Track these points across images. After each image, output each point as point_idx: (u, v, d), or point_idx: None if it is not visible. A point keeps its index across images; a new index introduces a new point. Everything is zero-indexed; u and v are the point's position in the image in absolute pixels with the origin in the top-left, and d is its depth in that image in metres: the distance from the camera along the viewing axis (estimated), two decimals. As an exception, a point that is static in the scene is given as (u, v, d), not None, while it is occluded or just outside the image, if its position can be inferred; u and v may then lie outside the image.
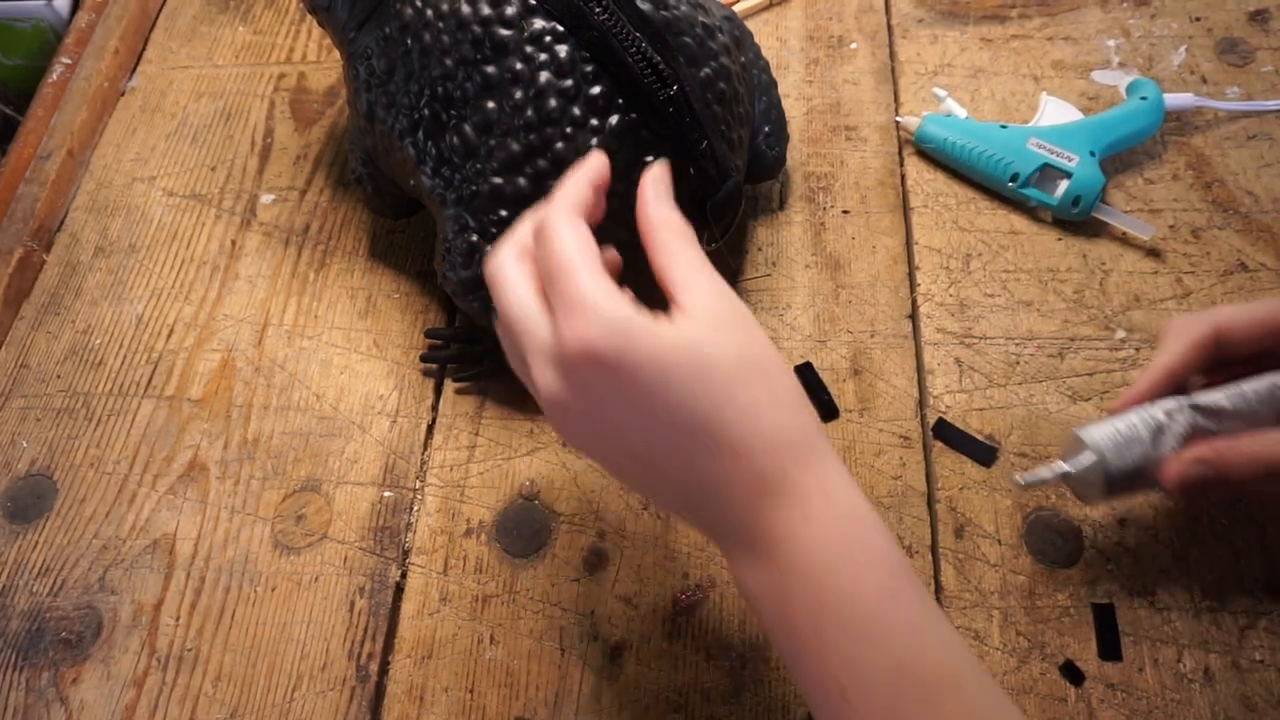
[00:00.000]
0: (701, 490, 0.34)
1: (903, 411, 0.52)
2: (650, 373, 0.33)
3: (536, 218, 0.36)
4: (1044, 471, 0.42)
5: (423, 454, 0.53)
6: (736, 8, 0.67)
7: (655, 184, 0.37)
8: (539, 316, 0.35)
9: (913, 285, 0.56)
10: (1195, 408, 0.41)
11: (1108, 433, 0.41)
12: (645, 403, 0.33)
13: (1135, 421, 0.41)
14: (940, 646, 0.33)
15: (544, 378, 0.34)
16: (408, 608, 0.49)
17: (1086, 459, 0.41)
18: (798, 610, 0.33)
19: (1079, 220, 0.56)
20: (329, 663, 0.48)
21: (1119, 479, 0.41)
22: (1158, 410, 0.41)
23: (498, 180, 0.46)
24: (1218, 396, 0.41)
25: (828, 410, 0.52)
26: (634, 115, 0.45)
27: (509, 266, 0.36)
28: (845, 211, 0.59)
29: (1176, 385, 0.42)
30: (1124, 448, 0.41)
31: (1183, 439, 0.41)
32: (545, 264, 0.35)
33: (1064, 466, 0.42)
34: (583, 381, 0.33)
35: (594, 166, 0.38)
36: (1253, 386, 0.41)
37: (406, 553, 0.50)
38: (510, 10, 0.44)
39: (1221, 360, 0.43)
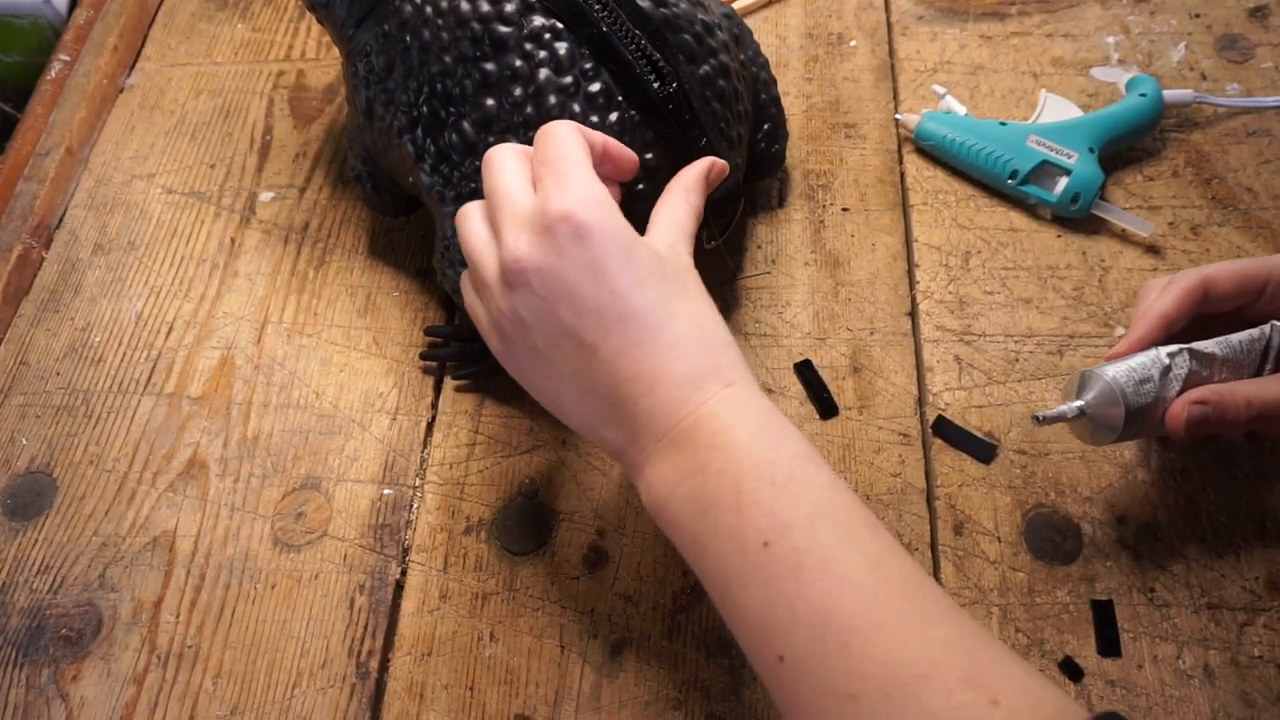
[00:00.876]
0: (638, 377, 0.37)
1: (902, 409, 0.52)
2: (619, 247, 0.37)
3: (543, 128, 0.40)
4: (1064, 408, 0.43)
5: (422, 452, 0.53)
6: (736, 5, 0.67)
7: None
8: (524, 193, 0.38)
9: (912, 283, 0.56)
10: (1192, 353, 0.42)
11: (1124, 371, 0.42)
12: (606, 271, 0.37)
13: (1146, 362, 0.42)
14: (853, 500, 0.35)
15: (514, 240, 0.37)
16: (408, 605, 0.49)
17: (1105, 395, 0.42)
18: (716, 478, 0.35)
19: (1078, 217, 0.56)
20: (329, 660, 0.48)
21: (1134, 417, 0.42)
22: (1162, 353, 0.42)
23: (497, 178, 0.46)
24: (1209, 344, 0.43)
25: (827, 408, 0.52)
26: (633, 112, 0.45)
27: (506, 152, 0.40)
28: (845, 209, 0.59)
29: (1169, 333, 0.44)
30: (1140, 386, 0.42)
31: (1183, 382, 0.42)
32: (543, 152, 0.38)
33: (1083, 402, 0.43)
34: (554, 242, 0.37)
35: (619, 144, 0.42)
36: (1238, 337, 0.43)
37: (406, 550, 0.50)
38: (509, 7, 0.44)
39: (1204, 313, 0.45)
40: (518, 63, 0.44)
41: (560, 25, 0.44)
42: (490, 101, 0.45)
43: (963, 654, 0.31)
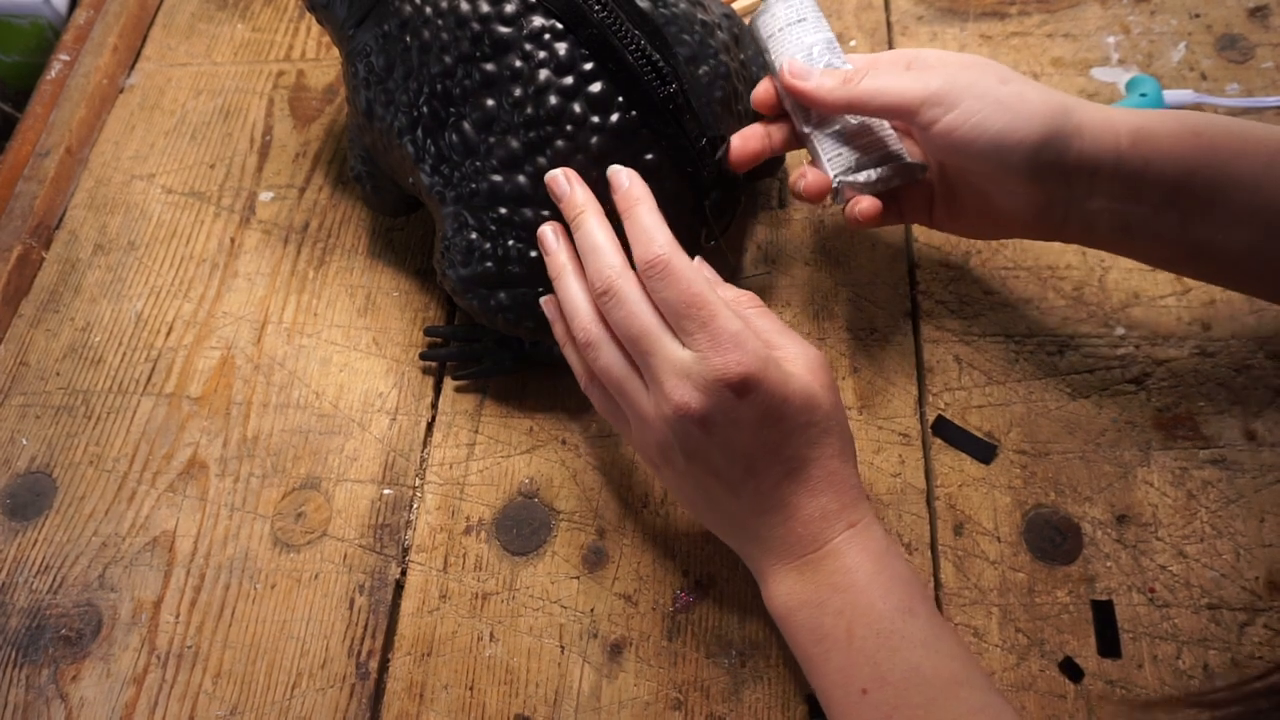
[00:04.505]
0: (778, 508, 0.41)
1: (902, 409, 0.52)
2: (776, 402, 0.40)
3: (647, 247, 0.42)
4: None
5: (422, 451, 0.53)
6: (735, 5, 0.67)
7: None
8: (663, 330, 0.41)
9: (912, 283, 0.56)
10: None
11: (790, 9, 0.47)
12: (762, 427, 0.40)
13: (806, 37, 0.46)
14: (947, 655, 0.39)
15: (677, 388, 0.40)
16: (407, 605, 0.49)
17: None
18: (833, 618, 0.40)
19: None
20: (329, 660, 0.48)
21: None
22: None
23: (497, 178, 0.46)
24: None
25: (827, 408, 0.52)
26: (633, 113, 0.45)
27: (632, 283, 0.42)
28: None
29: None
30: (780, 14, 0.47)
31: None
32: (669, 289, 0.40)
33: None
34: (718, 400, 0.39)
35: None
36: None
37: (406, 550, 0.50)
38: (509, 7, 0.44)
39: None
40: (518, 63, 0.44)
41: (560, 25, 0.44)
42: (490, 102, 0.45)
43: None
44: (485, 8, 0.44)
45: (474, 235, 0.47)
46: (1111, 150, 0.42)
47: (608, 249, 0.42)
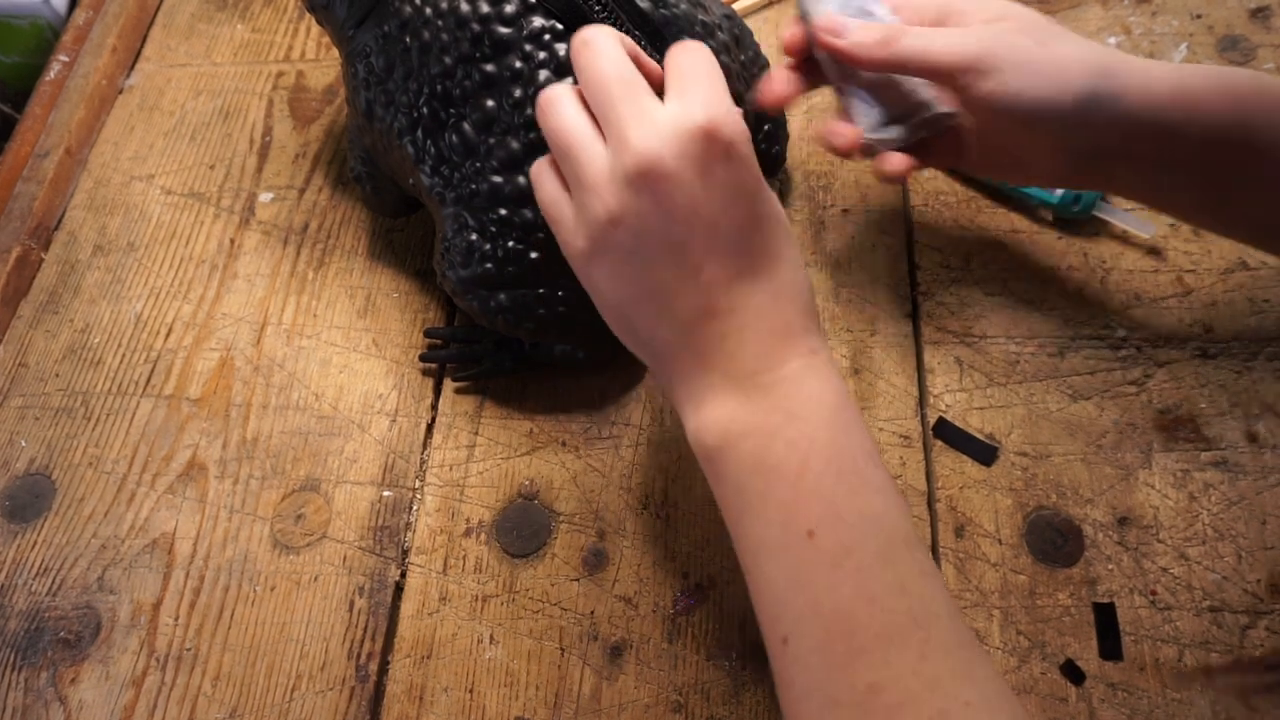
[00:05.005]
0: (732, 311, 0.36)
1: (903, 410, 0.52)
2: (757, 176, 0.36)
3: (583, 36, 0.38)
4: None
5: (422, 453, 0.53)
6: (736, 6, 0.67)
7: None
8: (645, 87, 0.37)
9: (913, 284, 0.56)
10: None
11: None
12: (742, 197, 0.36)
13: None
14: (899, 512, 0.35)
15: (644, 138, 0.35)
16: (407, 607, 0.49)
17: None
18: (784, 448, 0.35)
19: (1079, 219, 0.56)
20: (328, 662, 0.48)
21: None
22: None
23: (497, 179, 0.46)
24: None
25: (828, 409, 0.52)
26: (634, 114, 0.45)
27: (603, 33, 0.38)
28: (845, 210, 0.59)
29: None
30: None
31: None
32: (681, 63, 0.37)
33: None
34: (698, 154, 0.35)
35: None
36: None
37: (406, 552, 0.50)
38: (509, 8, 0.44)
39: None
40: (518, 64, 0.44)
41: (560, 26, 0.44)
42: (490, 102, 0.45)
43: (942, 694, 0.32)
44: (485, 8, 0.44)
45: (474, 236, 0.47)
46: (1149, 112, 0.41)
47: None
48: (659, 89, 0.38)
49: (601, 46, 0.37)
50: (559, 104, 0.38)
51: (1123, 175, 0.44)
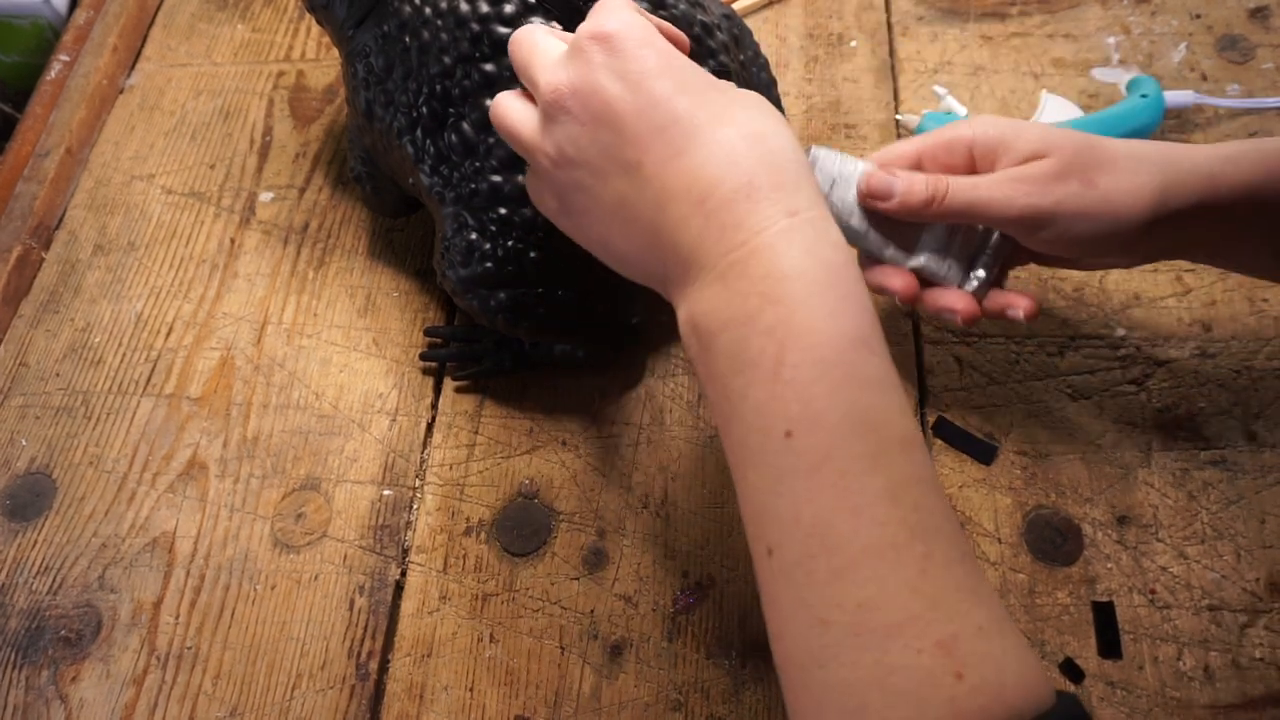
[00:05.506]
0: (687, 189, 0.33)
1: (902, 410, 0.52)
2: (656, 54, 0.34)
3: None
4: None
5: (422, 452, 0.53)
6: (735, 6, 0.67)
7: None
8: (557, 44, 0.37)
9: (913, 283, 0.56)
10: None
11: (830, 155, 0.44)
12: (643, 77, 0.34)
13: (853, 166, 0.43)
14: (896, 409, 0.32)
15: (548, 76, 0.36)
16: (407, 606, 0.49)
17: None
18: (761, 338, 0.31)
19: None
20: (329, 661, 0.48)
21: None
22: (862, 164, 0.44)
23: (497, 178, 0.46)
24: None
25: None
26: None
27: (533, 24, 0.39)
28: (845, 209, 0.59)
29: (911, 165, 0.44)
30: (820, 182, 0.43)
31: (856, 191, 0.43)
32: (594, 9, 0.36)
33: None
34: (586, 59, 0.34)
35: None
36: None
37: (406, 551, 0.50)
38: (509, 8, 0.44)
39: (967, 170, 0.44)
40: (518, 63, 0.44)
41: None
42: (490, 102, 0.45)
43: (947, 616, 0.29)
44: (485, 8, 0.44)
45: (474, 236, 0.47)
46: (1200, 206, 0.41)
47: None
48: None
49: (518, 34, 0.39)
50: (499, 105, 0.39)
51: (1189, 254, 0.45)
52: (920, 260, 0.44)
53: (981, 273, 0.44)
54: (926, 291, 0.44)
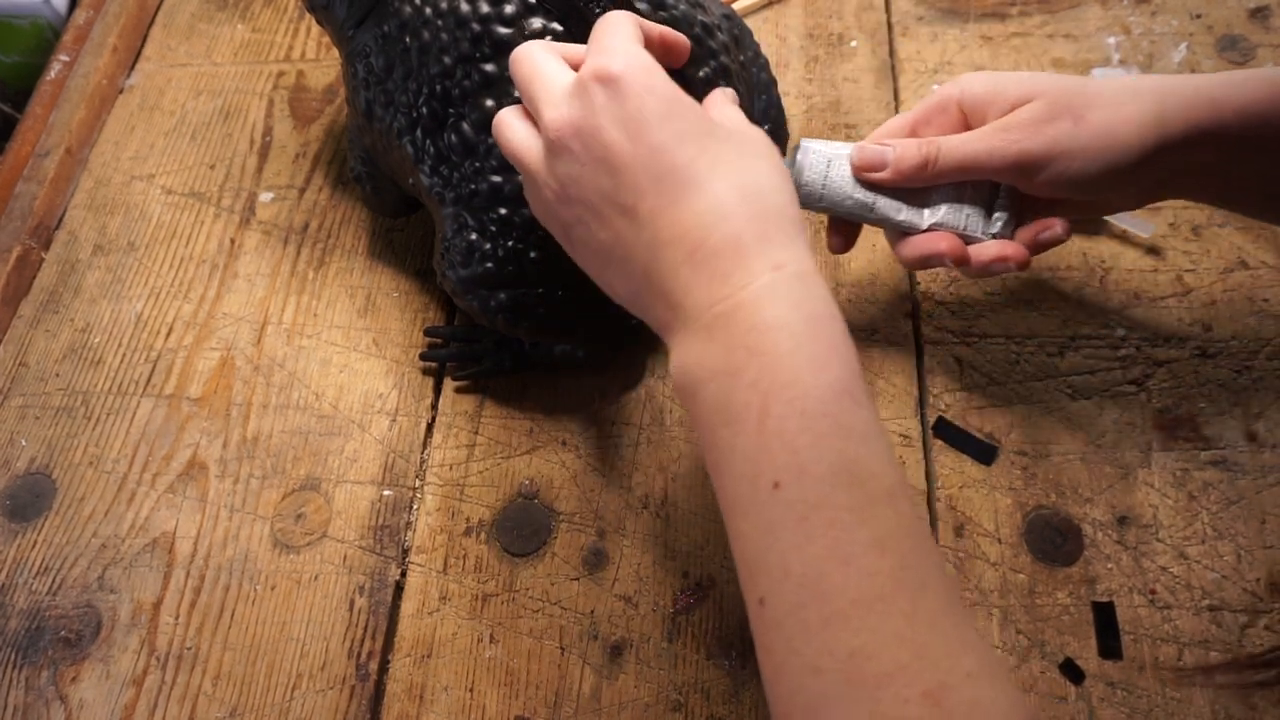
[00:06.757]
0: (678, 238, 0.34)
1: (903, 410, 0.52)
2: (657, 100, 0.35)
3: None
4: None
5: (422, 453, 0.53)
6: (736, 6, 0.67)
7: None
8: (560, 71, 0.37)
9: (913, 284, 0.56)
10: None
11: (823, 144, 0.45)
12: (643, 125, 0.35)
13: (845, 148, 0.44)
14: (883, 459, 0.32)
15: (553, 111, 0.36)
16: (407, 606, 0.49)
17: (793, 164, 0.45)
18: (746, 391, 0.32)
19: (1079, 219, 0.56)
20: (329, 661, 0.48)
21: (810, 181, 0.45)
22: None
23: (497, 179, 0.46)
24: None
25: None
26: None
27: (534, 44, 0.39)
28: (845, 209, 0.59)
29: (910, 133, 0.45)
30: (815, 166, 0.44)
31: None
32: (595, 34, 0.37)
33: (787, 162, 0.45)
34: (589, 101, 0.35)
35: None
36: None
37: (406, 551, 0.50)
38: (509, 8, 0.44)
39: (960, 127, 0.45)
40: (518, 64, 0.44)
41: (559, 27, 0.44)
42: (490, 102, 0.45)
43: (935, 664, 0.29)
44: (485, 9, 0.44)
45: (474, 236, 0.47)
46: (1202, 134, 0.41)
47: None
48: None
49: (522, 54, 0.39)
50: (501, 122, 0.40)
51: (1189, 188, 0.45)
52: (938, 215, 0.44)
53: (1003, 215, 0.44)
54: (973, 249, 0.44)
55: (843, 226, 0.47)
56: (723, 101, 0.42)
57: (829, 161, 0.44)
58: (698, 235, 0.34)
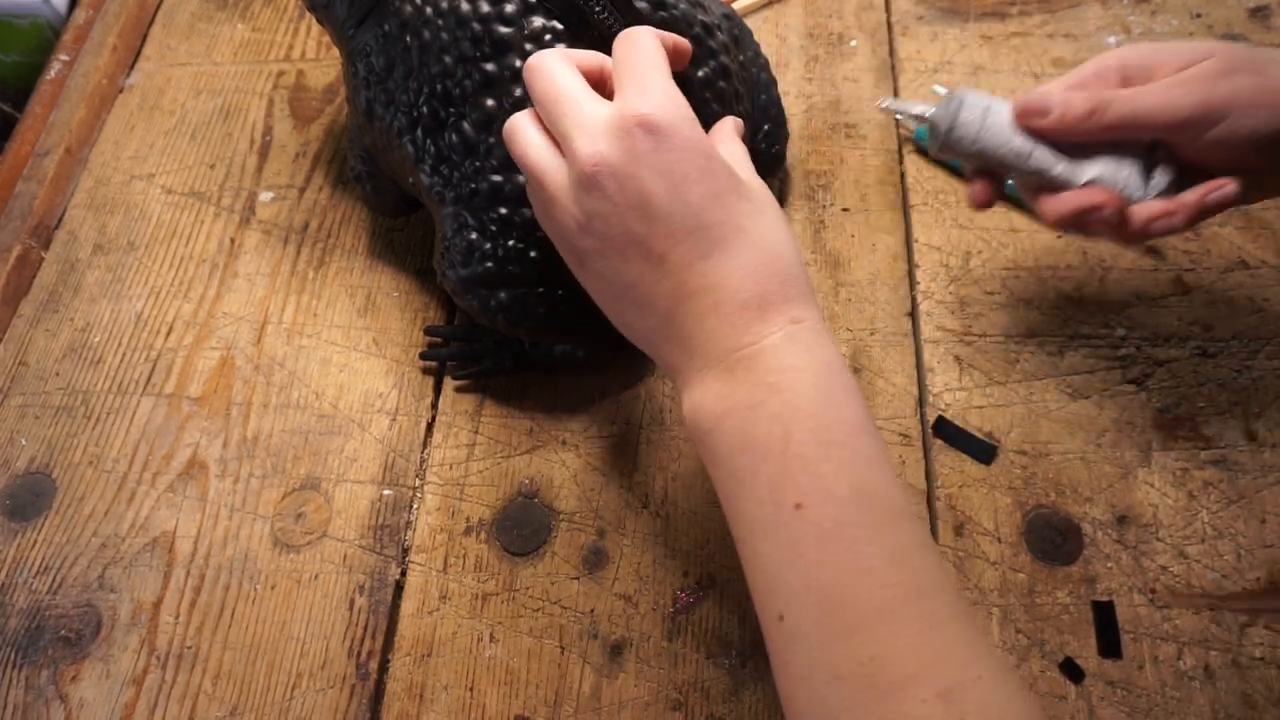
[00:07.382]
0: (705, 291, 0.36)
1: (902, 409, 0.52)
2: (698, 156, 0.36)
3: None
4: (911, 105, 0.45)
5: (422, 452, 0.53)
6: (736, 5, 0.67)
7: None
8: (589, 96, 0.38)
9: (912, 283, 0.56)
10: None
11: (975, 100, 0.43)
12: (683, 180, 0.36)
13: (1001, 108, 0.43)
14: (891, 481, 0.35)
15: (589, 143, 0.36)
16: (407, 606, 0.49)
17: (942, 111, 0.43)
18: (768, 423, 0.35)
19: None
20: (329, 661, 0.48)
21: (960, 127, 0.43)
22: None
23: (497, 178, 0.46)
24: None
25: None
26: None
27: (553, 56, 0.39)
28: (845, 209, 0.59)
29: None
30: (973, 108, 0.42)
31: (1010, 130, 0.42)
32: (625, 56, 0.38)
33: (928, 110, 0.44)
34: (632, 145, 0.36)
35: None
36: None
37: (406, 551, 0.50)
38: (510, 8, 0.44)
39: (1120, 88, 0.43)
40: (518, 63, 0.44)
41: (560, 26, 0.44)
42: (490, 102, 0.45)
43: (949, 667, 0.31)
44: (486, 8, 0.44)
45: (474, 235, 0.47)
46: None
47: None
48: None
49: (544, 68, 0.39)
50: (519, 132, 0.40)
51: None
52: (1096, 170, 0.42)
53: (1166, 175, 0.42)
54: (1133, 209, 0.42)
55: (988, 179, 0.45)
56: (730, 136, 0.42)
57: (987, 107, 0.42)
58: (727, 291, 0.36)
